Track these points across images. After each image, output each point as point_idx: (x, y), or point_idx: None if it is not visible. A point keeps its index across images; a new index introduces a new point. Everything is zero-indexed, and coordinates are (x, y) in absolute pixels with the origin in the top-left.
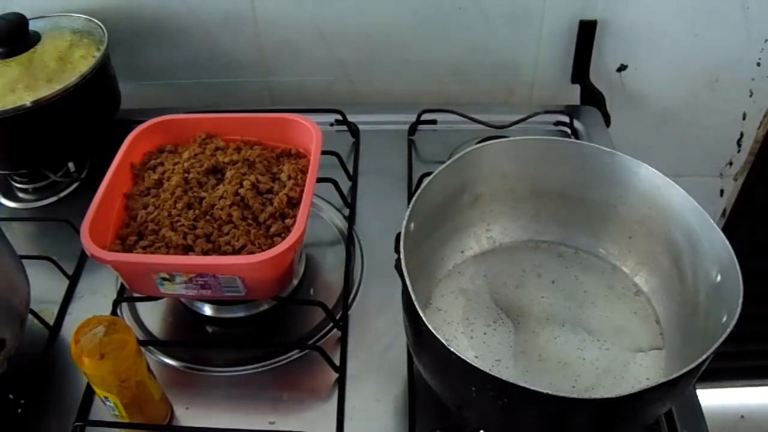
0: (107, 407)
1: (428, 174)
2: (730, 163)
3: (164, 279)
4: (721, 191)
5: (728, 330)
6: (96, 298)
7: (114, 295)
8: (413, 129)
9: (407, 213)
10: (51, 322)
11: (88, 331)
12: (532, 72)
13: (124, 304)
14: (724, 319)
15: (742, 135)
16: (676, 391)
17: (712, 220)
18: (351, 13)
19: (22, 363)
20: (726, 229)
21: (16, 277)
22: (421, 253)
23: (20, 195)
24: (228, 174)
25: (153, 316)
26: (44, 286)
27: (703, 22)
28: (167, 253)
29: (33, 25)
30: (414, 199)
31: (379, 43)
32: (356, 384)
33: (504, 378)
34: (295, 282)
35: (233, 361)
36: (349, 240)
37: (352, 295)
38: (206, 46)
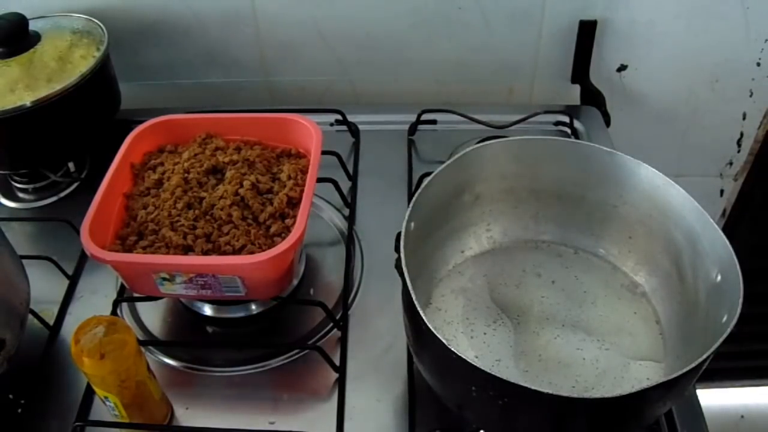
0: (107, 407)
1: (428, 174)
2: (730, 163)
3: (164, 279)
4: (721, 191)
5: (728, 330)
6: (96, 298)
7: (114, 295)
8: (413, 129)
9: (407, 213)
10: (51, 322)
11: (88, 331)
12: (532, 72)
13: (124, 304)
14: (724, 319)
15: (742, 135)
16: (676, 391)
17: (712, 220)
18: (351, 13)
19: (22, 363)
20: (726, 229)
21: (16, 277)
22: (421, 253)
23: (20, 195)
24: (228, 174)
25: (153, 316)
26: (44, 286)
27: (703, 22)
28: (167, 253)
29: (33, 25)
30: (414, 199)
31: (379, 43)
32: (356, 384)
33: (504, 378)
34: (295, 282)
35: (233, 361)
36: (349, 240)
37: (352, 295)
38: (206, 46)
